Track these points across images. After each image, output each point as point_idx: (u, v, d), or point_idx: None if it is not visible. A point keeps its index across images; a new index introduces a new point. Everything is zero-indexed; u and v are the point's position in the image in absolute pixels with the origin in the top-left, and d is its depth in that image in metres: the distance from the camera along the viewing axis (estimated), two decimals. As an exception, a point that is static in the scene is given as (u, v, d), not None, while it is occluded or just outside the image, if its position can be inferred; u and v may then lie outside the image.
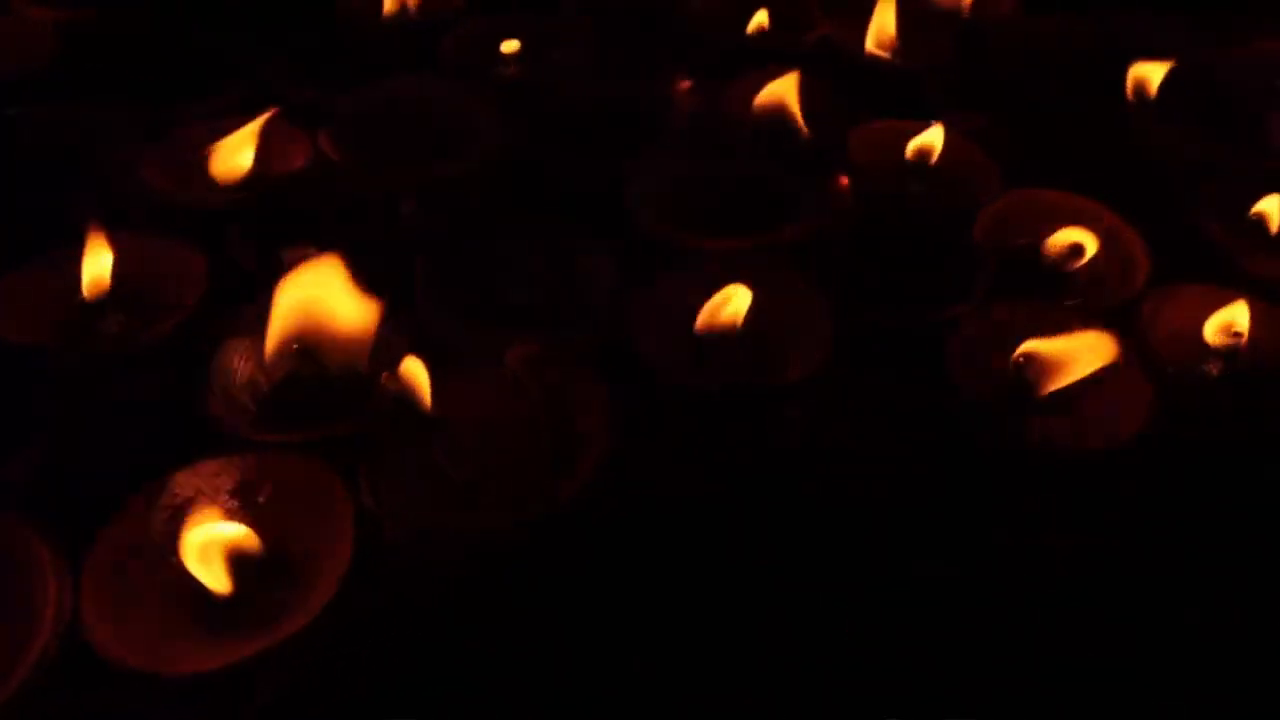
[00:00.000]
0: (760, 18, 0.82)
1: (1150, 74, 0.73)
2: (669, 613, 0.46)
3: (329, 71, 0.74)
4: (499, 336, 0.55)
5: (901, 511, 0.50)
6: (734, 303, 0.54)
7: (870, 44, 0.78)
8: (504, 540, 0.46)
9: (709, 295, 0.53)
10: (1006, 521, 0.49)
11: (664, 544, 0.49)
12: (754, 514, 0.48)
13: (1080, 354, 0.52)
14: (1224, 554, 0.50)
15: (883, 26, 0.78)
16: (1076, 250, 0.61)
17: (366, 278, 0.58)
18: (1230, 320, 0.56)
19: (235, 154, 0.64)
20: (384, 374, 0.48)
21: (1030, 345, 0.52)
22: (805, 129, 0.69)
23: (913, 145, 0.66)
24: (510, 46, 0.77)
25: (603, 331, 0.55)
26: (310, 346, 0.49)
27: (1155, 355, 0.55)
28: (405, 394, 0.47)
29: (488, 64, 0.76)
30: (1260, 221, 0.61)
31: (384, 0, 0.79)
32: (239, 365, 0.51)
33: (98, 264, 0.54)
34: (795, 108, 0.69)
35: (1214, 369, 0.57)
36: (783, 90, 0.69)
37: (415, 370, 0.47)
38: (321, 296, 0.49)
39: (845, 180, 0.62)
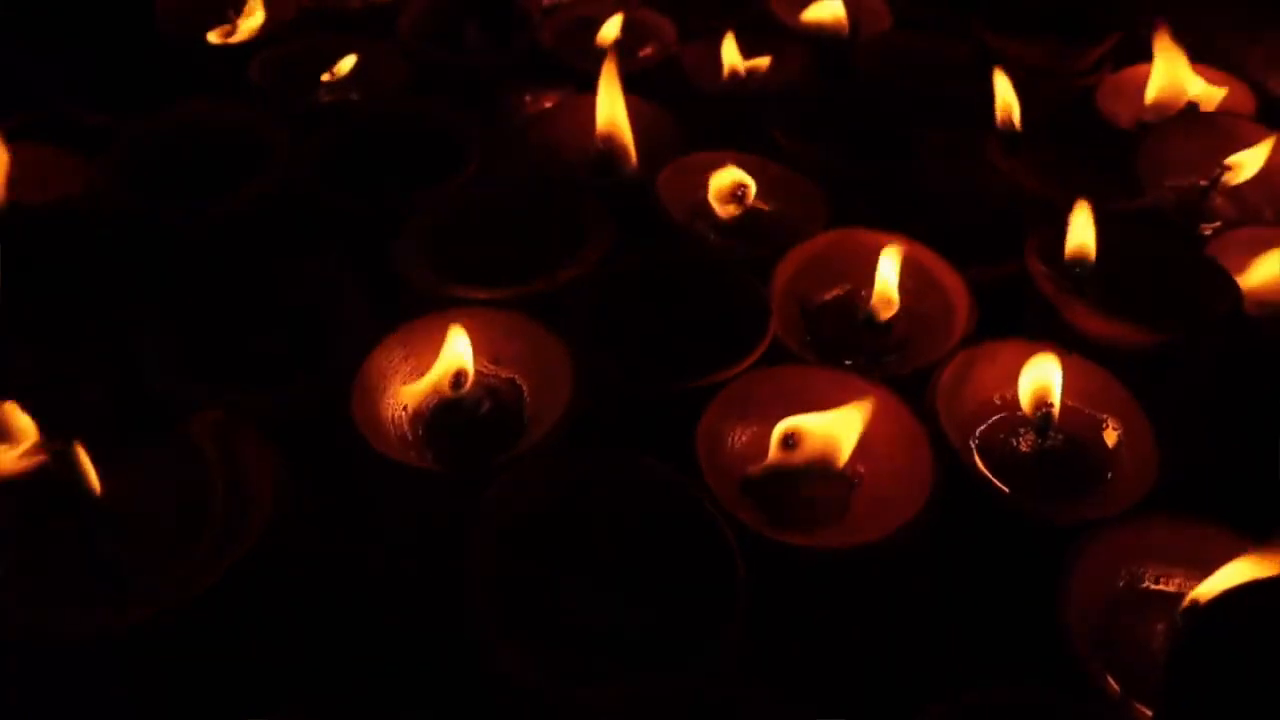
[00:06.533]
0: (614, 28, 0.76)
1: (1013, 100, 0.66)
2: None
3: (127, 94, 0.69)
4: (226, 392, 0.50)
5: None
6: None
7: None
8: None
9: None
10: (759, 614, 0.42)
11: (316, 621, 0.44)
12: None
13: (839, 431, 0.45)
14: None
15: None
16: (886, 302, 0.54)
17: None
18: (1041, 388, 0.49)
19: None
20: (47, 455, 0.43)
21: (793, 421, 0.46)
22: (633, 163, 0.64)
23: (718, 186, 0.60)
24: (341, 68, 0.72)
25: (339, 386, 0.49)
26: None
27: (949, 428, 0.48)
28: (67, 476, 0.43)
29: (302, 88, 0.71)
30: (1079, 265, 0.54)
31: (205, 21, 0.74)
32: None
33: None
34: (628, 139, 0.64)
35: (1024, 444, 0.50)
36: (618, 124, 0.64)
37: (77, 453, 0.43)
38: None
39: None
